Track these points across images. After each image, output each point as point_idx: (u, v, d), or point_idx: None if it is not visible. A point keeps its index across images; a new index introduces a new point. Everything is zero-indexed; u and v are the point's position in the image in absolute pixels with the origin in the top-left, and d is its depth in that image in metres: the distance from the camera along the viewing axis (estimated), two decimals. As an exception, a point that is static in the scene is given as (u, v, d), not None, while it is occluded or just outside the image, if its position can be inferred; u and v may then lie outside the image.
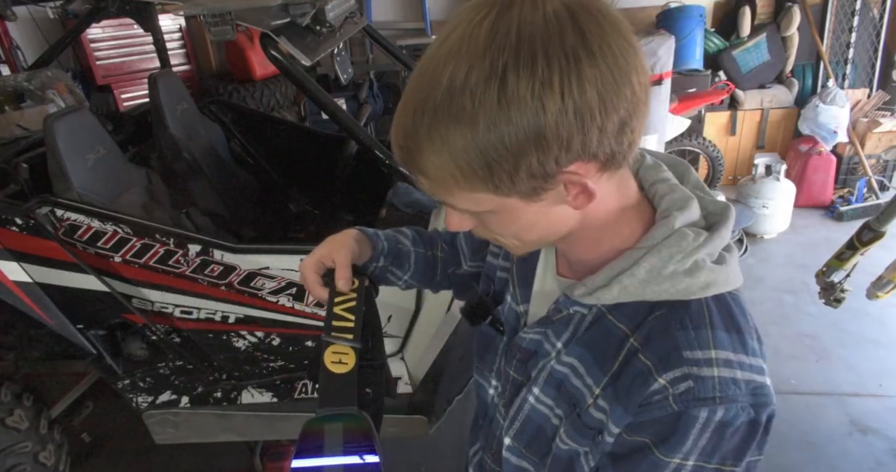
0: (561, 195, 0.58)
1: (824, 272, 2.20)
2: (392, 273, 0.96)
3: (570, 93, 0.50)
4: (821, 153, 4.28)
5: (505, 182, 0.55)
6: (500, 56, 0.50)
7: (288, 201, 3.17)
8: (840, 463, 2.33)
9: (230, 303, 1.95)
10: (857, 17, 4.37)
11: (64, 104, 2.54)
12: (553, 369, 0.71)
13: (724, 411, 0.57)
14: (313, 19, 1.77)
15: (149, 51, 4.09)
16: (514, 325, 0.80)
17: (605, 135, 0.53)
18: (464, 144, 0.53)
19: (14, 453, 1.97)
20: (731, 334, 0.60)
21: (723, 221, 0.65)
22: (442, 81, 0.52)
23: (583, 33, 0.50)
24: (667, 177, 0.69)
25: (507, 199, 0.58)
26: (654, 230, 0.63)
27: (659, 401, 0.59)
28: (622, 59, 0.52)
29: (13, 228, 1.77)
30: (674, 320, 0.61)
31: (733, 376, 0.58)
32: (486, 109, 0.51)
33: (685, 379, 0.58)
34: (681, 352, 0.59)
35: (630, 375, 0.61)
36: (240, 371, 2.12)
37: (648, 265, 0.61)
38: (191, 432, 2.21)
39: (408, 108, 0.56)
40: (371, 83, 4.73)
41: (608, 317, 0.66)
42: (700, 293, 0.61)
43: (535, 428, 0.74)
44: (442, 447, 2.41)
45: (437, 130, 0.54)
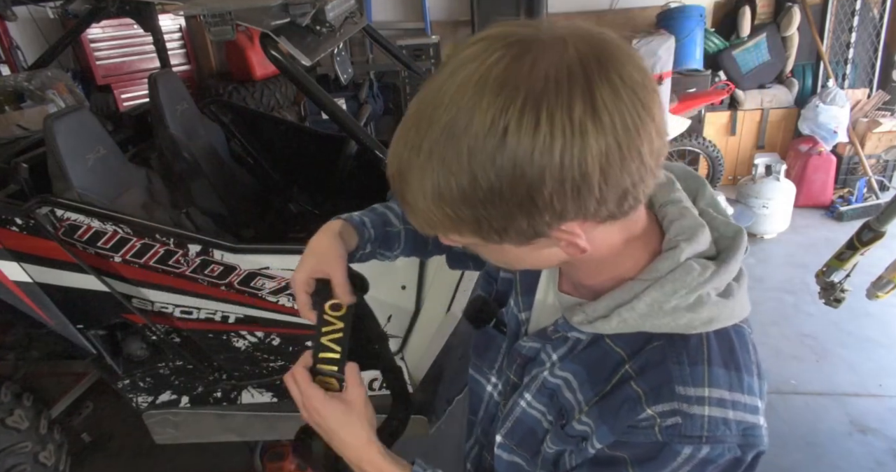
0: (551, 242, 0.56)
1: (824, 272, 2.20)
2: (381, 254, 0.95)
3: (570, 165, 0.47)
4: (821, 153, 4.28)
5: (493, 236, 0.54)
6: (503, 112, 0.47)
7: (288, 201, 3.17)
8: (840, 463, 2.33)
9: (230, 303, 1.95)
10: (857, 17, 4.36)
11: (64, 104, 2.54)
12: (546, 380, 0.71)
13: (710, 449, 0.56)
14: (313, 19, 1.77)
15: (149, 51, 4.09)
16: (516, 330, 0.80)
17: (604, 203, 0.51)
18: (452, 195, 0.51)
19: (14, 453, 1.97)
20: (730, 372, 0.59)
21: (734, 248, 0.63)
22: (441, 122, 0.50)
23: (594, 100, 0.47)
24: (679, 198, 0.65)
25: (477, 241, 0.57)
26: (659, 262, 0.60)
27: (645, 428, 0.58)
28: (633, 131, 0.48)
29: (13, 228, 1.76)
30: (671, 354, 0.59)
31: (724, 417, 0.57)
32: (481, 164, 0.48)
33: (673, 414, 0.57)
34: (673, 386, 0.58)
35: (619, 398, 0.61)
36: (240, 371, 2.12)
37: (650, 299, 0.59)
38: (191, 432, 2.21)
39: (405, 139, 0.53)
40: (371, 83, 4.73)
41: (606, 340, 0.65)
42: (701, 328, 0.59)
43: (526, 429, 0.74)
44: (442, 447, 2.41)
45: (429, 174, 0.51)
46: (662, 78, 3.73)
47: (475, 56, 0.50)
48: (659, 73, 3.71)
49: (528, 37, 0.50)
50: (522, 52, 0.49)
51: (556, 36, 0.50)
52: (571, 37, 0.49)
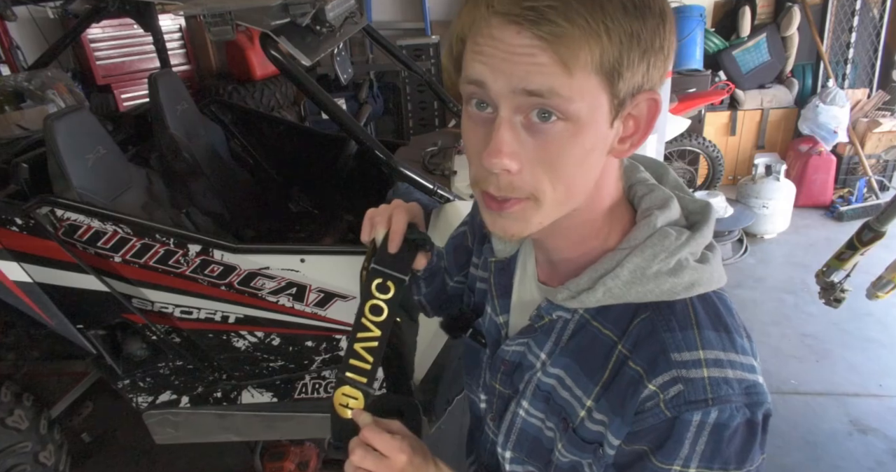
0: (616, 135, 0.57)
1: (824, 272, 2.20)
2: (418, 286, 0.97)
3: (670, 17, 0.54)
4: (821, 153, 4.28)
5: (627, 70, 0.53)
6: None
7: (288, 201, 3.17)
8: (840, 463, 2.33)
9: (230, 303, 1.95)
10: (857, 17, 4.36)
11: (64, 104, 2.54)
12: (540, 382, 0.69)
13: (718, 412, 0.55)
14: (313, 19, 1.77)
15: (149, 51, 4.08)
16: (496, 337, 0.78)
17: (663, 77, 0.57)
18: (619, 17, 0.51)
19: (14, 453, 1.97)
20: (720, 333, 0.59)
21: (704, 220, 0.64)
22: None
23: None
24: (645, 177, 0.68)
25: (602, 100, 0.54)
26: (636, 230, 0.62)
27: (651, 408, 0.57)
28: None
29: (13, 228, 1.76)
30: (660, 322, 0.60)
31: (724, 376, 0.56)
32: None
33: (674, 383, 0.56)
34: (668, 355, 0.57)
35: (622, 384, 0.60)
36: (240, 371, 2.12)
37: (632, 266, 0.60)
38: (191, 432, 2.21)
39: None
40: (371, 83, 4.73)
41: (593, 324, 0.64)
42: (684, 293, 0.60)
43: (531, 439, 0.73)
44: (442, 447, 2.40)
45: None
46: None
47: None
48: (659, 74, 3.71)
49: None
50: None
51: None
52: None
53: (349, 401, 0.69)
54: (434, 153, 2.32)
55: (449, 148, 2.37)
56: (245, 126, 3.09)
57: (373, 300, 0.70)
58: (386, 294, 0.70)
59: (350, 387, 0.69)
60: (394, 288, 0.70)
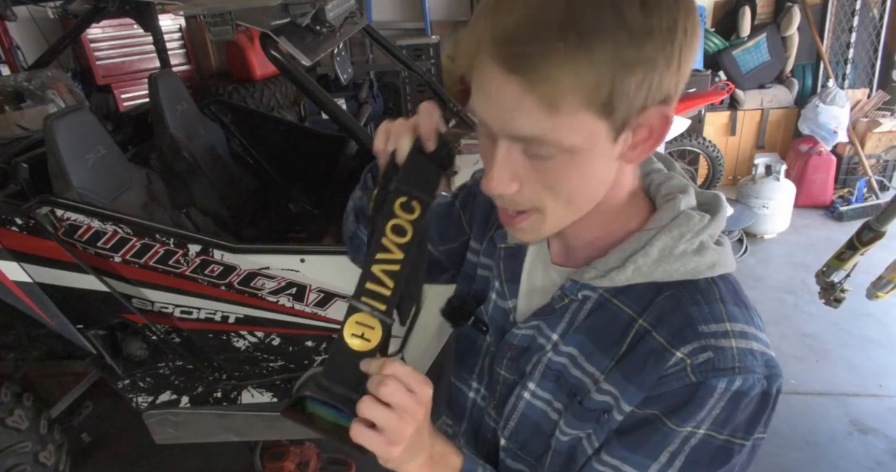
0: (625, 145, 0.57)
1: (824, 272, 2.20)
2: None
3: (690, 21, 0.53)
4: (821, 153, 4.28)
5: (622, 98, 0.52)
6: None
7: (288, 201, 3.17)
8: (840, 463, 2.33)
9: (230, 303, 1.95)
10: (857, 17, 4.37)
11: (64, 104, 2.54)
12: (550, 362, 0.70)
13: (742, 381, 0.57)
14: (313, 19, 1.77)
15: (149, 51, 4.09)
16: (502, 323, 0.78)
17: (680, 84, 0.55)
18: (604, 49, 0.49)
19: (14, 453, 1.97)
20: (742, 309, 0.62)
21: (717, 207, 0.67)
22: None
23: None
24: (660, 167, 0.71)
25: (601, 128, 0.54)
26: (661, 212, 0.65)
27: (676, 373, 0.59)
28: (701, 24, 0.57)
29: (13, 228, 1.76)
30: (685, 298, 0.62)
31: (750, 348, 0.59)
32: (631, 14, 0.50)
33: (704, 350, 0.58)
34: (696, 327, 0.60)
35: (642, 353, 0.62)
36: (240, 371, 2.12)
37: (661, 245, 0.62)
38: (191, 432, 2.21)
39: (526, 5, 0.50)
40: (371, 83, 4.72)
41: (613, 301, 0.66)
42: (707, 273, 0.63)
43: (532, 426, 0.73)
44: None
45: (576, 30, 0.49)
46: (662, 78, 3.73)
47: None
48: (659, 74, 3.71)
49: None
50: None
51: None
52: None
53: (364, 331, 0.58)
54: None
55: (449, 148, 2.36)
56: (245, 126, 3.09)
57: (396, 220, 0.61)
58: (412, 214, 0.61)
59: (366, 315, 0.58)
60: (419, 209, 0.62)
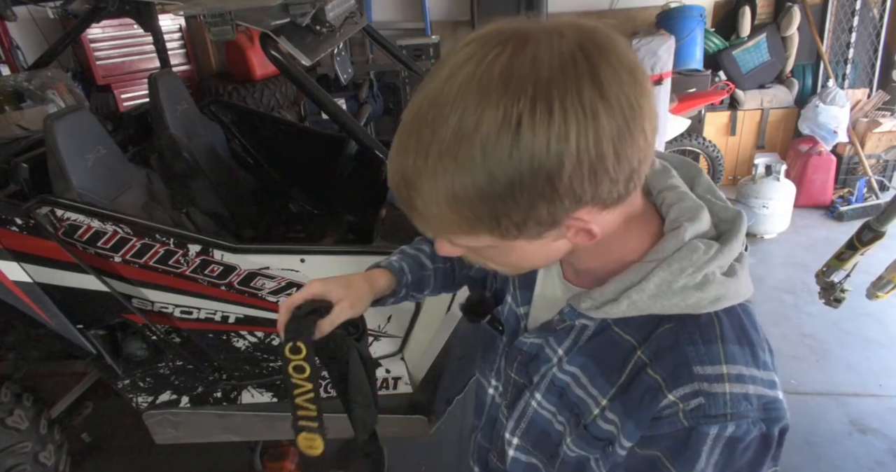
0: (561, 234, 0.56)
1: (824, 272, 2.20)
2: (413, 296, 0.97)
3: (586, 148, 0.48)
4: (821, 153, 4.28)
5: (511, 231, 0.54)
6: (514, 105, 0.47)
7: (288, 201, 3.17)
8: (840, 463, 2.33)
9: (230, 303, 1.95)
10: (857, 17, 4.36)
11: (64, 104, 2.54)
12: (555, 377, 0.70)
13: (735, 427, 0.56)
14: (313, 19, 1.77)
15: (149, 51, 4.09)
16: (514, 327, 0.79)
17: (616, 184, 0.52)
18: (468, 195, 0.50)
19: (14, 453, 1.97)
20: (744, 348, 0.59)
21: (734, 230, 0.63)
22: (449, 124, 0.49)
23: (600, 83, 0.48)
24: (675, 184, 0.66)
25: (501, 241, 0.56)
26: (664, 243, 0.61)
27: (669, 416, 0.58)
28: (637, 108, 0.50)
29: (13, 228, 1.76)
30: (683, 335, 0.59)
31: (745, 392, 0.57)
32: (497, 161, 0.48)
33: (696, 396, 0.57)
34: (691, 368, 0.58)
35: (640, 389, 0.60)
36: (240, 371, 2.12)
37: (658, 280, 0.59)
38: (191, 432, 2.21)
39: (408, 147, 0.52)
40: (371, 83, 4.73)
41: (614, 328, 0.65)
42: (710, 307, 0.59)
43: (540, 430, 0.74)
44: (442, 447, 2.41)
45: (442, 177, 0.50)
46: (662, 78, 3.73)
47: (471, 56, 0.50)
48: (659, 74, 3.71)
49: (520, 31, 0.50)
50: (520, 45, 0.49)
51: (546, 27, 0.50)
52: (561, 26, 0.50)
53: (311, 442, 0.77)
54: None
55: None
56: (245, 126, 3.09)
57: (292, 362, 0.77)
58: (300, 354, 0.77)
59: (306, 433, 0.77)
60: (305, 348, 0.77)
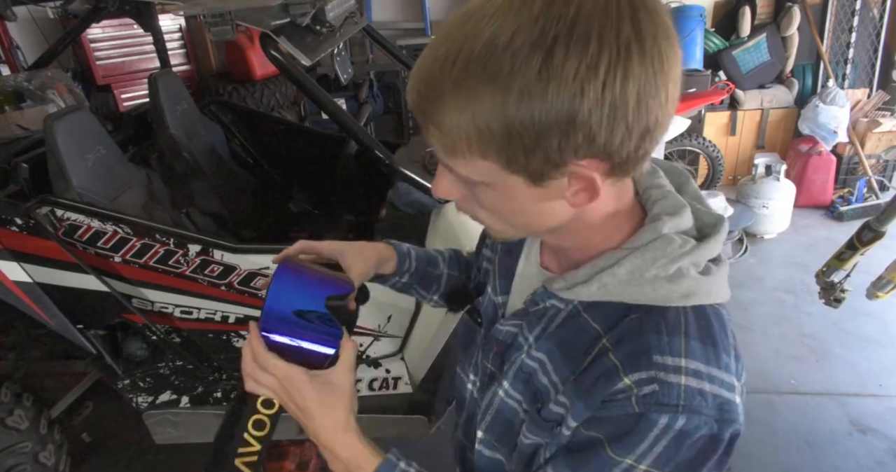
0: (561, 189, 0.56)
1: (824, 272, 2.20)
2: (416, 291, 0.97)
3: (612, 84, 0.48)
4: (821, 153, 4.28)
5: (519, 158, 0.53)
6: (553, 26, 0.47)
7: (288, 201, 3.17)
8: (840, 463, 2.33)
9: (230, 303, 1.95)
10: (857, 17, 4.37)
11: (64, 104, 2.54)
12: (523, 363, 0.70)
13: (686, 420, 0.56)
14: (313, 19, 1.77)
15: (149, 51, 4.09)
16: (492, 317, 0.79)
17: (629, 138, 0.51)
18: (490, 108, 0.50)
19: (14, 453, 1.97)
20: (706, 347, 0.59)
21: (714, 233, 0.64)
22: (483, 35, 0.49)
23: (639, 30, 0.49)
24: (662, 183, 0.68)
25: (511, 175, 0.55)
26: (641, 233, 0.62)
27: (621, 400, 0.58)
28: (667, 64, 0.50)
29: (13, 228, 1.76)
30: (649, 324, 0.60)
31: (700, 388, 0.57)
32: (524, 78, 0.48)
33: (651, 382, 0.57)
34: (651, 356, 0.58)
35: (596, 372, 0.60)
36: (240, 371, 2.12)
37: (630, 266, 0.60)
38: (191, 432, 2.21)
39: (436, 53, 0.52)
40: (371, 83, 4.73)
41: (583, 315, 0.65)
42: (679, 302, 0.60)
43: (505, 422, 0.73)
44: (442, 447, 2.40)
45: (467, 84, 0.50)
46: (662, 78, 3.73)
47: None
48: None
49: None
50: None
51: None
52: None
53: None
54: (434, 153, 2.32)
55: (449, 148, 2.36)
56: (245, 126, 3.09)
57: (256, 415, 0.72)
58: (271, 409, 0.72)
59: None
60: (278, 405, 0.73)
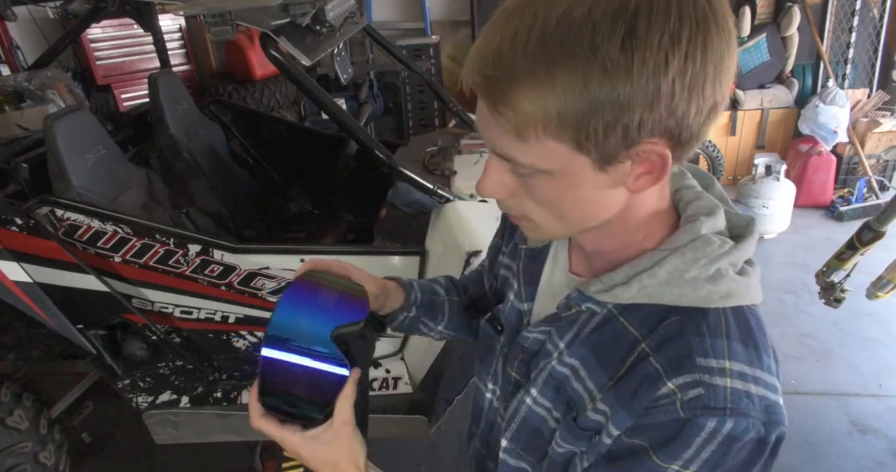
0: (624, 173, 0.55)
1: (824, 272, 2.20)
2: (424, 324, 0.94)
3: (693, 56, 0.48)
4: (821, 153, 4.28)
5: (597, 135, 0.51)
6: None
7: (288, 201, 3.17)
8: (840, 463, 2.33)
9: (230, 303, 1.95)
10: (857, 17, 4.36)
11: (64, 104, 2.54)
12: (553, 370, 0.69)
13: (734, 424, 0.54)
14: (313, 19, 1.77)
15: (149, 51, 4.09)
16: (516, 324, 0.78)
17: (702, 111, 0.51)
18: (571, 84, 0.48)
19: (14, 453, 1.97)
20: (748, 348, 0.58)
21: (747, 234, 0.63)
22: (558, 9, 0.47)
23: (714, 8, 0.49)
24: (692, 184, 0.67)
25: (579, 159, 0.53)
26: (680, 233, 0.61)
27: (665, 405, 0.56)
28: (733, 46, 0.51)
29: (13, 228, 1.76)
30: (690, 326, 0.58)
31: (747, 390, 0.55)
32: (607, 50, 0.47)
33: (696, 386, 0.55)
34: (694, 358, 0.56)
35: (637, 378, 0.59)
36: (240, 371, 2.12)
37: (671, 267, 0.59)
38: (191, 432, 2.21)
39: (504, 32, 0.50)
40: (371, 83, 4.73)
41: (619, 319, 0.63)
42: (720, 302, 0.59)
43: (533, 430, 0.72)
44: (442, 447, 2.41)
45: (544, 61, 0.48)
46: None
47: None
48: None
49: None
50: None
51: None
52: None
53: None
54: (434, 153, 2.32)
55: (449, 148, 2.37)
56: (245, 126, 3.09)
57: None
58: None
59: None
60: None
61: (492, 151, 0.58)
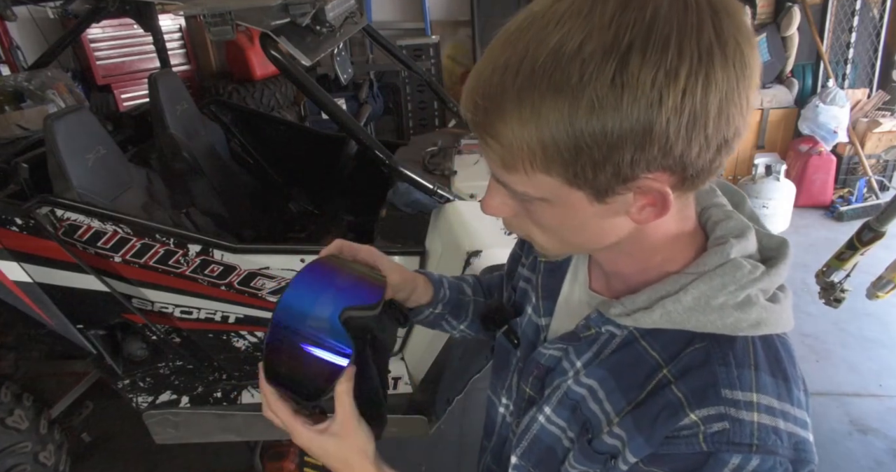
0: (626, 204, 0.52)
1: (824, 272, 2.20)
2: (447, 322, 0.93)
3: (692, 92, 0.45)
4: (821, 153, 4.28)
5: (586, 173, 0.49)
6: (627, 31, 0.44)
7: (288, 201, 3.17)
8: (840, 463, 2.33)
9: (230, 303, 1.95)
10: (857, 17, 4.36)
11: (64, 104, 2.54)
12: (569, 390, 0.66)
13: (760, 461, 0.51)
14: (313, 19, 1.77)
15: (149, 51, 4.09)
16: (533, 339, 0.75)
17: (707, 149, 0.48)
18: (557, 120, 0.46)
19: (14, 453, 1.97)
20: (777, 381, 0.55)
21: (781, 258, 0.60)
22: (549, 42, 0.45)
23: (721, 32, 0.45)
24: (722, 202, 0.63)
25: (573, 192, 0.51)
26: (707, 256, 0.57)
27: (687, 437, 0.53)
28: (749, 69, 0.47)
29: (13, 228, 1.76)
30: (715, 355, 0.55)
31: (775, 426, 0.52)
32: (596, 87, 0.44)
33: (721, 419, 0.52)
34: (719, 389, 0.53)
35: (657, 405, 0.56)
36: (240, 371, 2.12)
37: (697, 292, 0.56)
38: (191, 432, 2.21)
39: (496, 62, 0.48)
40: (371, 83, 4.73)
41: (640, 342, 0.60)
42: (749, 331, 0.55)
43: (544, 448, 0.69)
44: (442, 446, 2.41)
45: (531, 95, 0.46)
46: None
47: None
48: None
49: None
50: None
51: None
52: None
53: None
54: (434, 153, 2.32)
55: (449, 148, 2.37)
56: (245, 126, 3.09)
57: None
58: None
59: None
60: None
61: (490, 174, 0.57)
